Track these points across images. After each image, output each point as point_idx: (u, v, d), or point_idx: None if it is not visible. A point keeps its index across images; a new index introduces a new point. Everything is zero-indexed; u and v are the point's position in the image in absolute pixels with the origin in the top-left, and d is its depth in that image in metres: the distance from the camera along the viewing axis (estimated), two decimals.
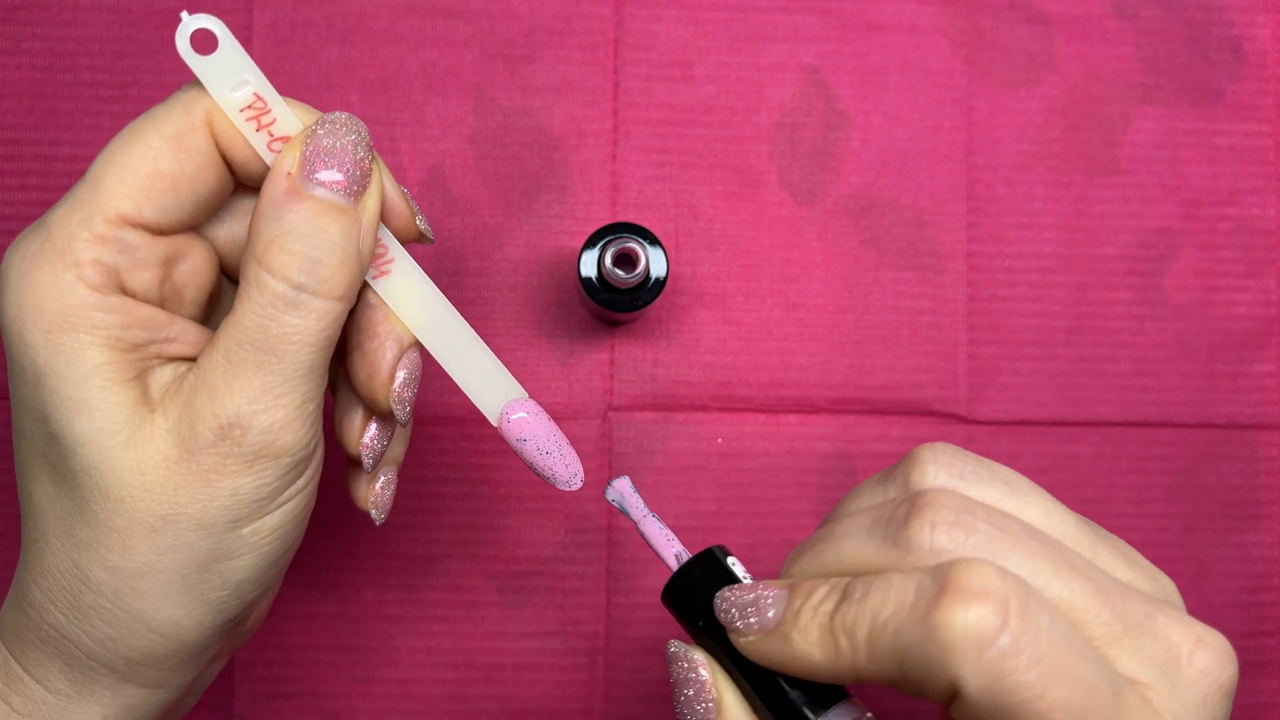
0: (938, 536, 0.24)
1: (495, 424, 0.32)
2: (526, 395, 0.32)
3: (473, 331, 0.31)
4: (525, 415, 0.31)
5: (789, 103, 0.43)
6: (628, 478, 0.31)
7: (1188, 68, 0.44)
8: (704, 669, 0.27)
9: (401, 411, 0.31)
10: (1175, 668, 0.24)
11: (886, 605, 0.23)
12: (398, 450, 0.34)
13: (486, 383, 0.31)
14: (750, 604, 0.26)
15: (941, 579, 0.23)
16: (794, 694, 0.26)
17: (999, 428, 0.43)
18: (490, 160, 0.43)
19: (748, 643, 0.26)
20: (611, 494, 0.31)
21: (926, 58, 0.44)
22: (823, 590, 0.25)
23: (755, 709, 0.27)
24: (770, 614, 0.26)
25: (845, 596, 0.24)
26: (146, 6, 0.42)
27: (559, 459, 0.32)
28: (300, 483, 0.29)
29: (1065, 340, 0.44)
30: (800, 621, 0.25)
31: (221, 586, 0.28)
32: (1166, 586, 0.27)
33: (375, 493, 0.33)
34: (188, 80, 0.42)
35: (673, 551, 0.29)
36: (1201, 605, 0.43)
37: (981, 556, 0.24)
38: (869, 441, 0.43)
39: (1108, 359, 0.44)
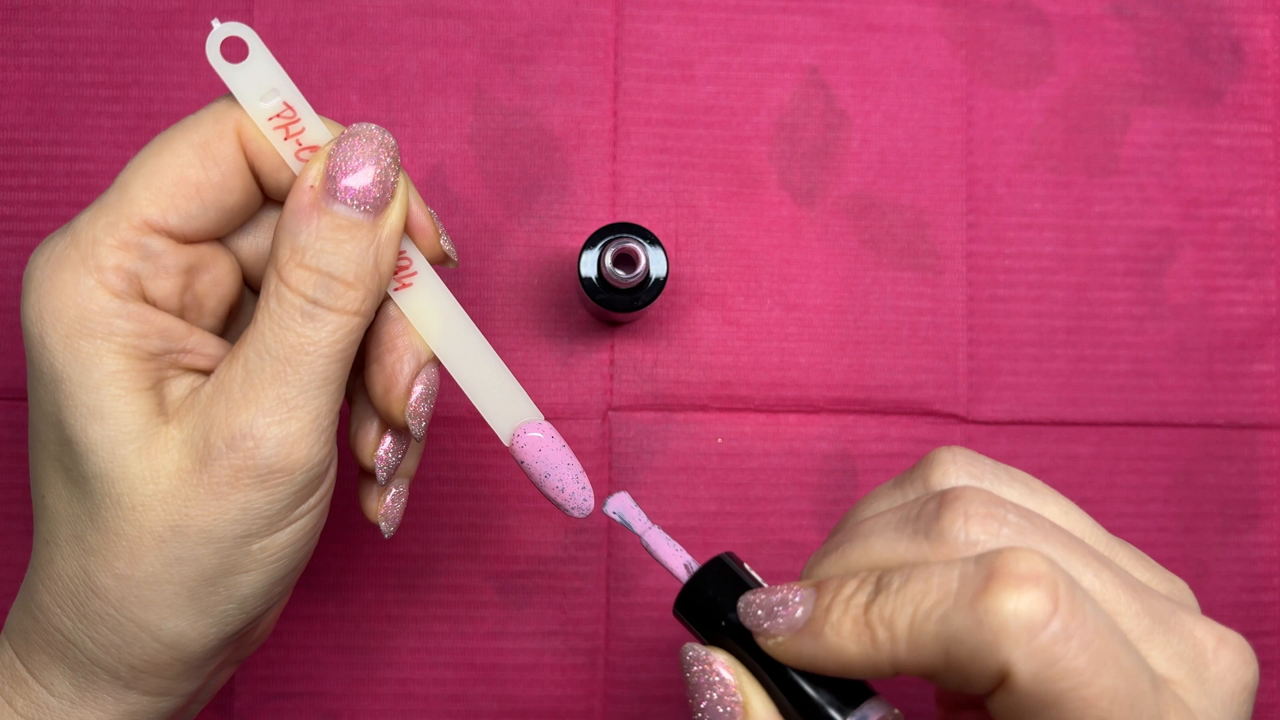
0: (972, 528, 0.24)
1: (507, 445, 0.31)
2: (542, 417, 0.31)
3: (492, 350, 0.31)
4: (539, 436, 0.31)
5: (789, 103, 0.43)
6: (626, 493, 0.30)
7: (1187, 68, 0.44)
8: (727, 670, 0.26)
9: (417, 427, 0.30)
10: (1202, 665, 0.24)
11: (929, 594, 0.23)
12: (411, 464, 0.34)
13: (501, 404, 0.31)
14: (778, 603, 0.26)
15: (988, 566, 0.23)
16: (819, 694, 0.26)
17: (999, 428, 0.43)
18: (490, 160, 0.43)
19: (776, 644, 0.25)
20: (611, 508, 0.30)
21: (926, 58, 0.44)
22: (853, 584, 0.25)
23: (783, 712, 0.26)
24: (799, 613, 0.25)
25: (881, 588, 0.24)
26: (146, 6, 0.42)
27: (571, 484, 0.31)
28: (311, 501, 0.29)
29: (1065, 340, 0.44)
30: (832, 617, 0.24)
31: (228, 601, 0.28)
32: (1183, 589, 0.27)
33: (386, 505, 0.33)
34: (190, 81, 0.42)
35: (681, 561, 0.29)
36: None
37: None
38: (869, 441, 0.43)
39: (1107, 359, 0.44)
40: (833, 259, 0.43)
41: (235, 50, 0.28)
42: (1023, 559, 0.22)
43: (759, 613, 0.26)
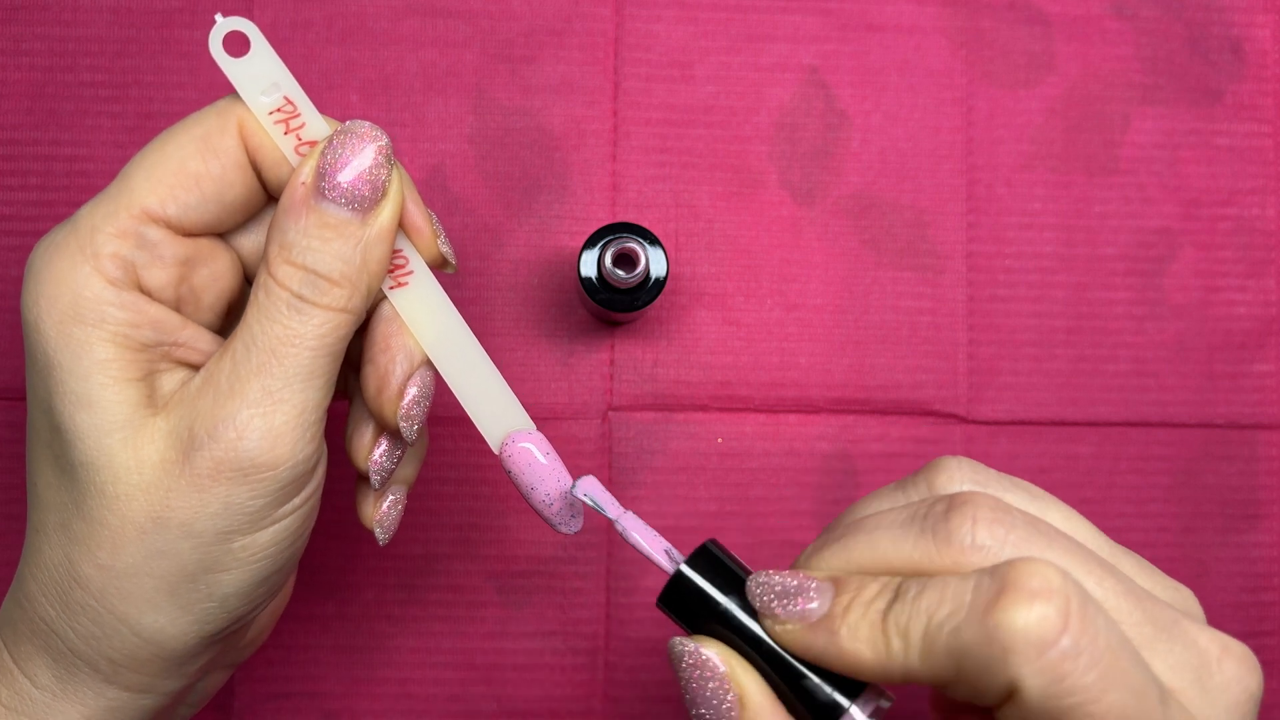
0: (979, 531, 0.24)
1: (497, 453, 0.31)
2: (534, 427, 0.31)
3: (485, 355, 0.31)
4: (529, 448, 0.31)
5: (789, 103, 0.43)
6: (593, 476, 0.30)
7: (1187, 68, 0.44)
8: (720, 661, 0.26)
9: (409, 429, 0.30)
10: (1206, 674, 0.24)
11: (944, 605, 0.23)
12: (409, 471, 0.33)
13: (492, 411, 0.31)
14: (793, 591, 0.25)
15: (1001, 578, 0.23)
16: (825, 681, 0.25)
17: (999, 428, 0.43)
18: (490, 160, 0.43)
19: (785, 630, 0.25)
20: (581, 489, 0.29)
21: (926, 58, 0.44)
22: (874, 588, 0.25)
23: (780, 698, 0.26)
24: (813, 605, 0.25)
25: (899, 596, 0.24)
26: (146, 6, 0.42)
27: (559, 500, 0.31)
28: (296, 500, 0.29)
29: (1065, 340, 0.44)
30: (850, 618, 0.24)
31: (208, 599, 0.28)
32: (1187, 596, 0.27)
33: (382, 512, 0.32)
34: (190, 81, 0.42)
35: (662, 548, 0.28)
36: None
37: (1021, 553, 0.24)
38: (869, 441, 0.43)
39: (1107, 359, 0.44)
40: (833, 259, 0.43)
41: (237, 45, 0.28)
42: (1036, 572, 0.22)
43: (771, 596, 0.26)
